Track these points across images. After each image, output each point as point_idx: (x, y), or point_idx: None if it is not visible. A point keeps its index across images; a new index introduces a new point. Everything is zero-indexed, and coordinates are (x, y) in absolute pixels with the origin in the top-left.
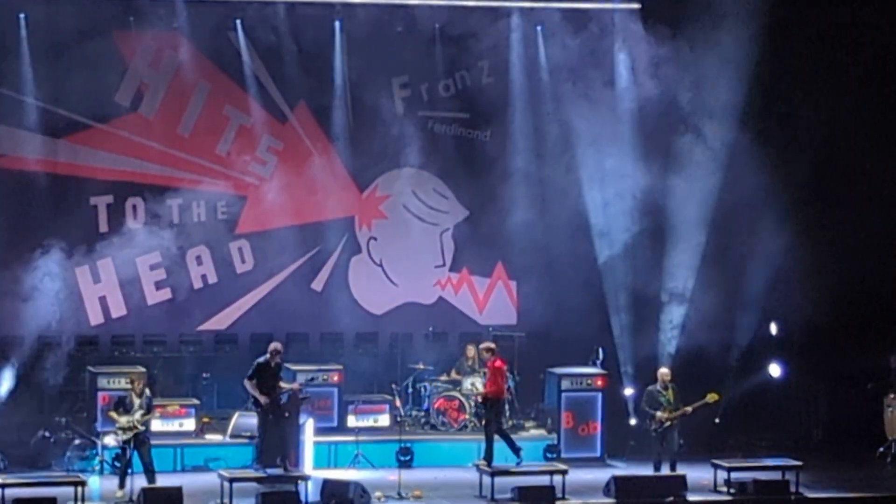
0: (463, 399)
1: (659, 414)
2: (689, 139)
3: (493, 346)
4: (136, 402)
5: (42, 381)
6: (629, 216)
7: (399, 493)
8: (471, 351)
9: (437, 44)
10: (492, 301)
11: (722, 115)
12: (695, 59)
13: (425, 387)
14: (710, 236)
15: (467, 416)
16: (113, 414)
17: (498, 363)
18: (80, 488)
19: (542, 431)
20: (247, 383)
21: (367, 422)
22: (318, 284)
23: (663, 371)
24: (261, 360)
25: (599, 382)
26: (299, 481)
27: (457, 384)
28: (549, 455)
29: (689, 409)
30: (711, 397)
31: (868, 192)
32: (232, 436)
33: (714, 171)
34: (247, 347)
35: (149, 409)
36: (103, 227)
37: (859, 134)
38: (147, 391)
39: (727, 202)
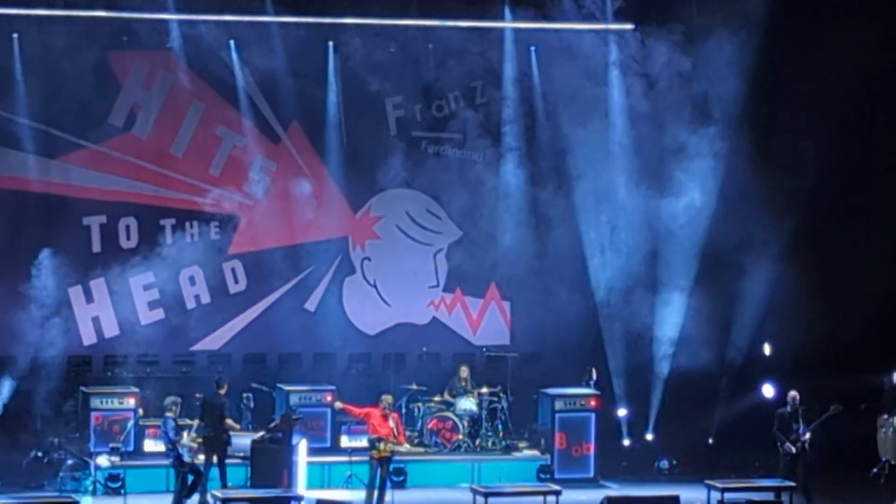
0: (456, 420)
1: (788, 446)
2: (683, 160)
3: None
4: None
5: (35, 400)
6: (623, 236)
7: None
8: (464, 371)
9: (430, 64)
10: (485, 321)
11: (717, 136)
12: (690, 82)
13: (419, 407)
14: (704, 257)
15: (461, 437)
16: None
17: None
18: None
19: (536, 452)
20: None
21: (361, 442)
22: (311, 305)
23: (793, 393)
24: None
25: (593, 403)
26: (292, 502)
27: (450, 405)
28: (542, 476)
29: (836, 407)
30: (835, 408)
31: (863, 214)
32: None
33: (709, 193)
34: (240, 367)
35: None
36: (96, 248)
37: (858, 156)
38: None
39: (722, 223)
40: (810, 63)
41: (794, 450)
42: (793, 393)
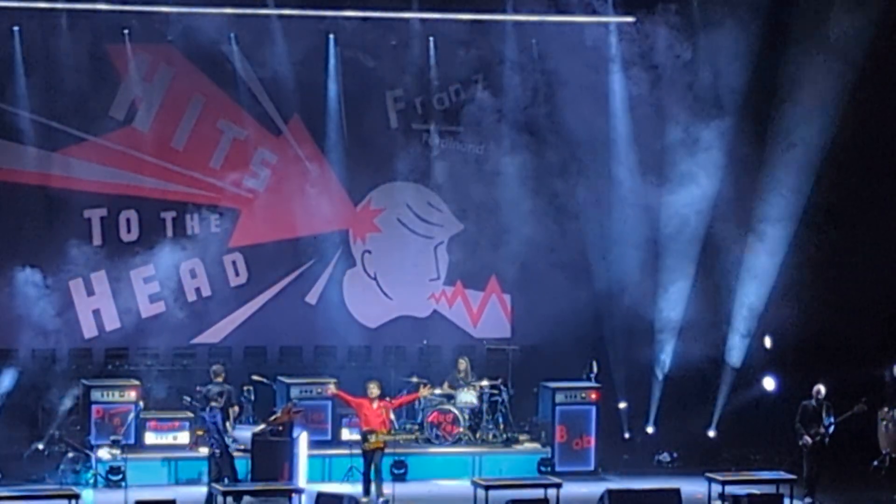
0: (457, 412)
1: (807, 437)
2: (684, 152)
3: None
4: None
5: (36, 393)
6: (624, 228)
7: None
8: (462, 364)
9: (431, 57)
10: (486, 314)
11: (719, 126)
12: (691, 72)
13: (419, 400)
14: (704, 249)
15: (462, 430)
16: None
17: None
18: (73, 501)
19: (536, 445)
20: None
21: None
22: (312, 298)
23: (818, 387)
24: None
25: (593, 396)
26: (293, 495)
27: (451, 397)
28: (542, 469)
29: (861, 406)
30: (860, 407)
31: (863, 205)
32: None
33: (709, 184)
34: (240, 360)
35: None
36: (97, 241)
37: (858, 147)
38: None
39: (722, 215)
40: (815, 47)
41: (810, 442)
42: (818, 386)
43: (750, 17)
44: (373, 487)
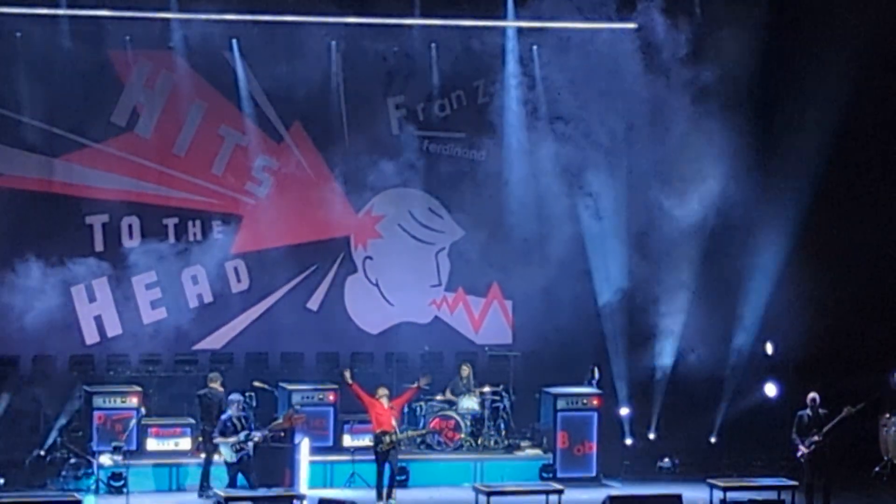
0: (459, 418)
1: (802, 448)
2: (686, 157)
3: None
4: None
5: (37, 400)
6: (626, 234)
7: None
8: (465, 370)
9: (432, 63)
10: (487, 320)
11: (721, 133)
12: (692, 79)
13: (421, 406)
14: (706, 256)
15: (463, 436)
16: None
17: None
18: None
19: (538, 451)
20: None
21: (363, 441)
22: (313, 304)
23: (812, 395)
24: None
25: (595, 402)
26: (294, 501)
27: (452, 404)
28: (544, 475)
29: (849, 409)
30: (848, 410)
31: (866, 212)
32: None
33: (711, 191)
34: (242, 367)
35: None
36: (99, 247)
37: (864, 152)
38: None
39: (724, 221)
40: (820, 43)
41: (806, 452)
42: (812, 395)
43: (755, 19)
44: (384, 491)
